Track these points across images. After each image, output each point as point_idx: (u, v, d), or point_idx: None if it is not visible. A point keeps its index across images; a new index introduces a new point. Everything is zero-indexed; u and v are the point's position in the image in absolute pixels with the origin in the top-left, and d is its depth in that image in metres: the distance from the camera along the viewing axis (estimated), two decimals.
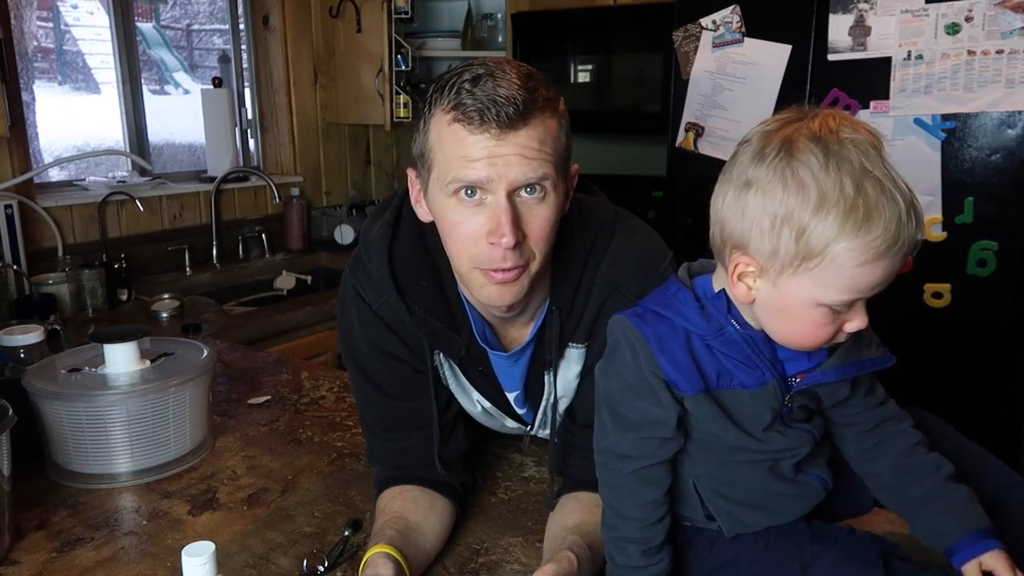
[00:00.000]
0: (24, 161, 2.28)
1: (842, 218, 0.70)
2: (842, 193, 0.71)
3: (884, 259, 0.72)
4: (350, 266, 1.08)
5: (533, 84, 0.88)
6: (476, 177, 0.86)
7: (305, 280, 2.91)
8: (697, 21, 2.32)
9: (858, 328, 0.77)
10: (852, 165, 0.72)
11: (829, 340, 0.78)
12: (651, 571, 0.86)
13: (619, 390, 0.86)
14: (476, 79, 0.86)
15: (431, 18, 3.32)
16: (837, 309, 0.75)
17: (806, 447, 0.87)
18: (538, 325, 1.04)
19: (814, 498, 0.91)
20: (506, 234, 0.87)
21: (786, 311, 0.78)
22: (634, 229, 1.05)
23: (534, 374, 1.08)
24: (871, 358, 0.85)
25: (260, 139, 3.18)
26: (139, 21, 2.78)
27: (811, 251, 0.72)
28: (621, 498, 0.87)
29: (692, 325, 0.82)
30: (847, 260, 0.71)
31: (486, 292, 0.94)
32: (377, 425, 1.11)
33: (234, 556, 1.03)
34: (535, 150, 0.87)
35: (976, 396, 2.07)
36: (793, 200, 0.72)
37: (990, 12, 1.89)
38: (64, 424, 1.21)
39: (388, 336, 1.05)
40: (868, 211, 0.70)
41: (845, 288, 0.73)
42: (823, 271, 0.73)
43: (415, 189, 0.99)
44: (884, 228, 0.70)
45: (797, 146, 0.73)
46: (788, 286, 0.75)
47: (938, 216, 2.04)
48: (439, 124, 0.88)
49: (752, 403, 0.83)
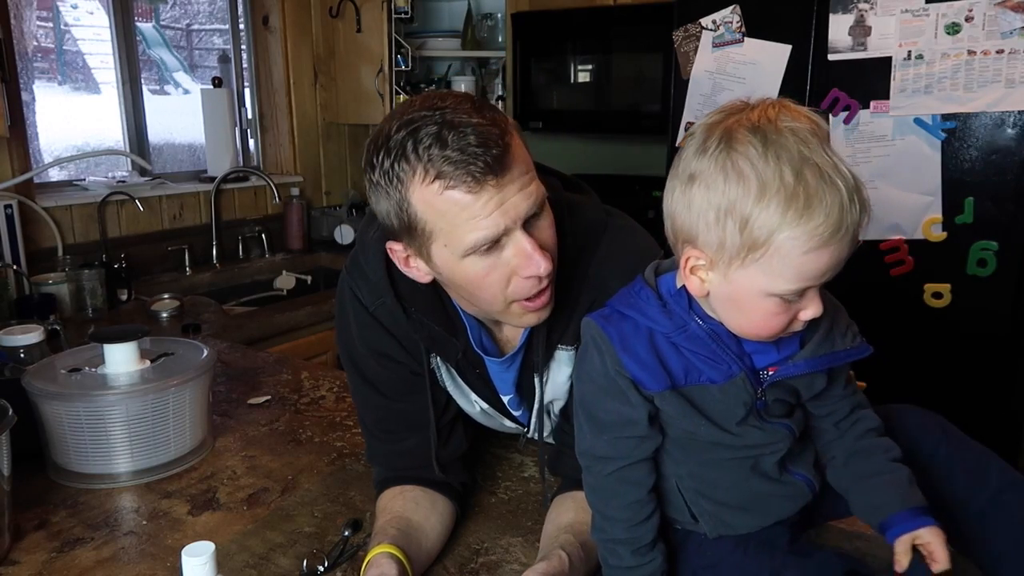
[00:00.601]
0: (24, 161, 2.28)
1: (783, 207, 0.71)
2: (782, 182, 0.71)
3: (829, 246, 0.72)
4: (347, 267, 1.08)
5: (487, 112, 0.85)
6: (496, 232, 0.85)
7: (305, 280, 2.91)
8: (697, 21, 2.32)
9: (813, 316, 0.77)
10: (791, 153, 0.71)
11: (784, 329, 0.78)
12: (644, 571, 0.86)
13: (591, 392, 0.86)
14: (439, 139, 0.82)
15: (431, 18, 3.32)
16: (788, 298, 0.75)
17: (785, 442, 0.87)
18: (529, 328, 1.04)
19: (800, 499, 0.90)
20: (541, 263, 0.87)
21: (738, 302, 0.78)
22: (625, 229, 1.04)
23: (525, 377, 1.08)
24: (844, 349, 0.84)
25: (260, 139, 3.18)
26: (139, 21, 2.78)
27: (756, 241, 0.72)
28: (605, 500, 0.87)
29: (654, 323, 0.82)
30: (792, 249, 0.72)
31: (527, 319, 0.95)
32: (375, 426, 1.11)
33: (234, 556, 1.03)
34: (526, 175, 0.86)
35: (976, 396, 2.07)
36: (734, 191, 0.72)
37: (990, 12, 1.89)
38: (64, 424, 1.21)
39: (385, 338, 1.05)
40: (809, 199, 0.70)
41: (793, 277, 0.73)
42: (769, 261, 0.73)
43: (401, 257, 0.94)
44: (826, 215, 0.70)
45: (736, 137, 0.73)
46: (738, 278, 0.76)
47: (938, 216, 2.04)
48: (426, 196, 0.84)
49: (722, 397, 0.83)
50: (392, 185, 0.86)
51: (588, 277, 1.00)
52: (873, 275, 2.12)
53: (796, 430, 0.87)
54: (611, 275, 0.98)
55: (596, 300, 0.99)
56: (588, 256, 1.00)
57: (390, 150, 0.85)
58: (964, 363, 2.08)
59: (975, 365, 2.07)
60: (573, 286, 1.00)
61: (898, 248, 2.10)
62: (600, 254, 1.01)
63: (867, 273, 2.14)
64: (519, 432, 1.22)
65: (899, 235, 2.10)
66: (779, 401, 0.86)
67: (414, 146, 0.83)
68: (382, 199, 0.88)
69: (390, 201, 0.87)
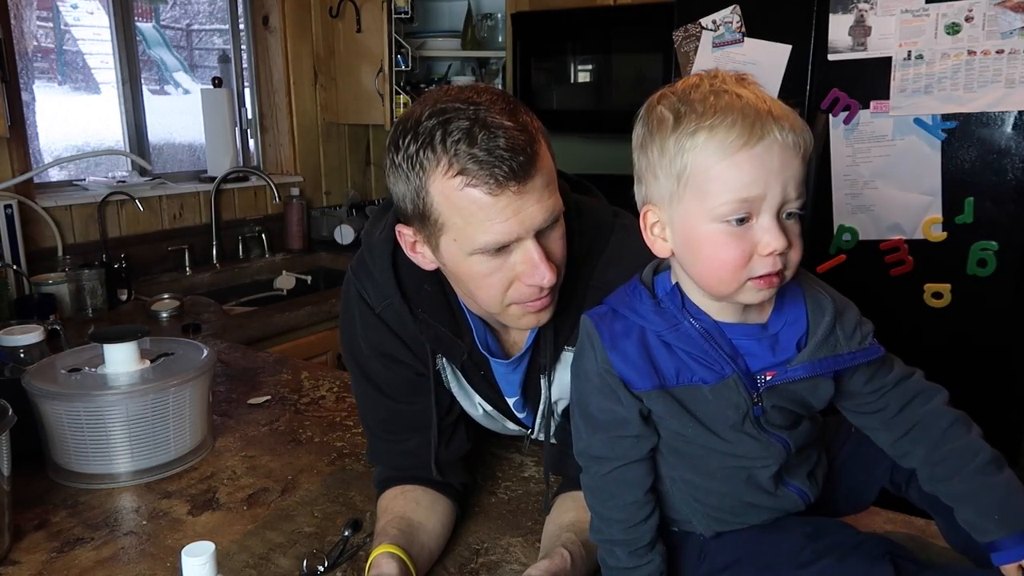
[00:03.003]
0: (24, 161, 2.28)
1: (693, 126, 0.74)
2: (691, 108, 0.74)
3: (745, 151, 0.72)
4: (353, 268, 1.08)
5: (521, 117, 0.86)
6: (506, 239, 0.86)
7: (305, 280, 2.91)
8: (697, 21, 2.32)
9: (772, 249, 0.73)
10: (702, 91, 0.76)
11: (744, 264, 0.74)
12: (642, 572, 0.85)
13: (586, 390, 0.86)
14: (469, 135, 0.82)
15: (431, 18, 3.32)
16: (731, 222, 0.74)
17: (776, 459, 0.84)
18: (537, 329, 1.04)
19: (792, 511, 0.89)
20: (545, 275, 0.88)
21: (691, 244, 0.77)
22: (632, 231, 1.03)
23: (531, 379, 1.08)
24: (850, 352, 0.81)
25: (260, 139, 3.18)
26: (139, 21, 2.78)
27: (681, 170, 0.75)
28: (602, 501, 0.87)
29: (647, 322, 0.82)
30: (706, 161, 0.73)
31: (525, 321, 0.95)
32: (378, 426, 1.11)
33: (234, 556, 1.03)
34: (547, 187, 0.87)
35: (976, 396, 2.07)
36: (657, 135, 0.76)
37: (990, 12, 1.89)
38: (64, 424, 1.21)
39: (391, 339, 1.05)
40: (714, 116, 0.73)
41: (722, 190, 0.73)
42: (696, 184, 0.74)
43: (409, 242, 0.95)
44: (731, 124, 0.72)
45: (658, 96, 0.79)
46: (682, 216, 0.77)
47: (938, 216, 2.04)
48: (445, 189, 0.85)
49: (714, 399, 0.81)
50: (413, 171, 0.86)
51: (595, 278, 1.00)
52: (873, 275, 2.13)
53: (792, 445, 0.85)
54: (617, 276, 0.98)
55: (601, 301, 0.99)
56: (595, 257, 1.01)
57: (418, 135, 0.85)
58: (964, 363, 2.08)
59: (975, 365, 2.07)
60: (580, 286, 1.00)
61: (898, 248, 2.10)
62: (607, 255, 1.01)
63: (867, 273, 2.14)
64: (520, 434, 1.22)
65: (899, 235, 2.10)
66: (779, 409, 0.83)
67: (443, 137, 0.83)
68: (400, 181, 0.89)
69: (408, 186, 0.88)
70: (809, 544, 0.84)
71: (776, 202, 0.73)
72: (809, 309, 0.82)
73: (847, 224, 2.17)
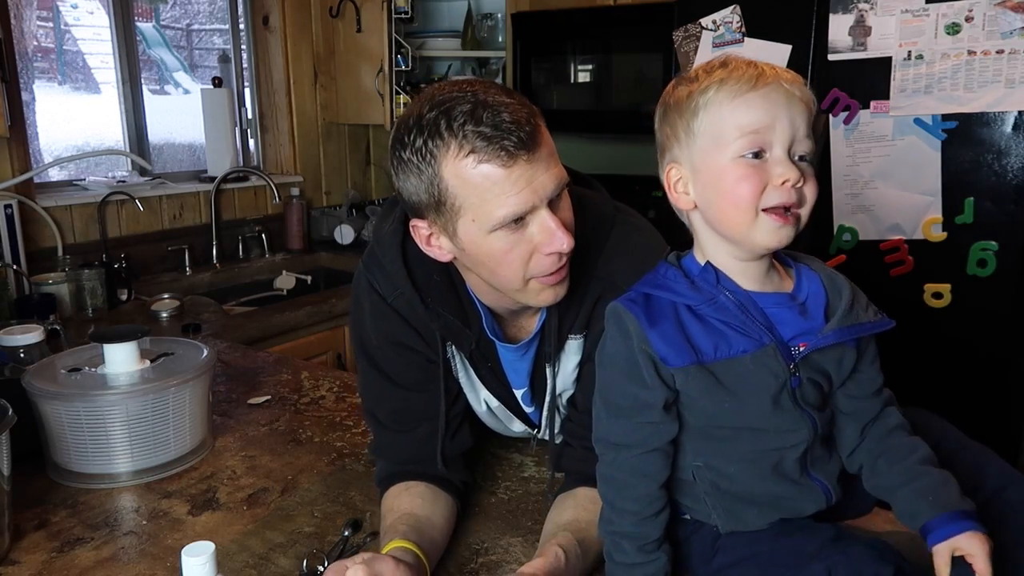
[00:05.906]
0: (24, 161, 2.28)
1: (706, 84, 0.82)
2: (704, 73, 0.83)
3: (752, 92, 0.80)
4: (364, 262, 1.10)
5: (516, 96, 0.90)
6: (524, 208, 0.88)
7: (305, 280, 2.91)
8: (697, 21, 2.32)
9: (786, 179, 0.80)
10: (712, 63, 0.84)
11: (759, 193, 0.80)
12: (648, 569, 0.85)
13: (610, 377, 0.88)
14: (473, 116, 0.86)
15: (431, 18, 3.32)
16: (745, 156, 0.80)
17: (807, 437, 0.86)
18: (544, 316, 1.06)
19: (815, 505, 0.90)
20: (564, 239, 0.90)
21: (711, 186, 0.83)
22: (632, 225, 1.07)
23: (539, 369, 1.10)
24: (869, 321, 0.88)
25: (260, 139, 3.18)
26: (139, 21, 2.78)
27: (699, 122, 0.82)
28: (617, 490, 0.87)
29: (684, 298, 0.85)
30: (719, 108, 0.81)
31: (544, 296, 0.97)
32: (388, 417, 1.12)
33: (234, 556, 1.03)
34: (552, 157, 0.90)
35: (976, 396, 2.07)
36: (674, 104, 0.85)
37: (990, 12, 1.89)
38: (64, 424, 1.21)
39: (403, 327, 1.07)
40: (725, 72, 0.82)
41: (734, 129, 0.80)
42: (712, 131, 0.82)
43: (424, 235, 0.97)
44: (739, 75, 0.81)
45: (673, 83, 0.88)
46: (702, 162, 0.83)
47: (938, 216, 2.04)
48: (458, 171, 0.87)
49: (755, 368, 0.83)
50: (424, 161, 0.88)
51: (596, 270, 1.02)
52: (873, 275, 2.12)
53: (820, 426, 0.87)
54: (618, 269, 1.01)
55: (603, 292, 1.01)
56: (596, 249, 1.02)
57: (423, 128, 0.88)
58: (964, 363, 2.08)
59: (975, 365, 2.07)
60: (582, 278, 1.02)
61: (898, 248, 2.10)
62: (608, 248, 1.03)
63: (867, 273, 2.14)
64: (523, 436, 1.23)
65: (899, 235, 2.10)
66: (812, 383, 0.86)
67: (448, 123, 0.86)
68: (411, 176, 0.91)
69: (421, 177, 0.90)
70: (827, 545, 0.83)
71: (786, 137, 0.80)
72: (826, 284, 0.89)
73: (847, 224, 2.17)
